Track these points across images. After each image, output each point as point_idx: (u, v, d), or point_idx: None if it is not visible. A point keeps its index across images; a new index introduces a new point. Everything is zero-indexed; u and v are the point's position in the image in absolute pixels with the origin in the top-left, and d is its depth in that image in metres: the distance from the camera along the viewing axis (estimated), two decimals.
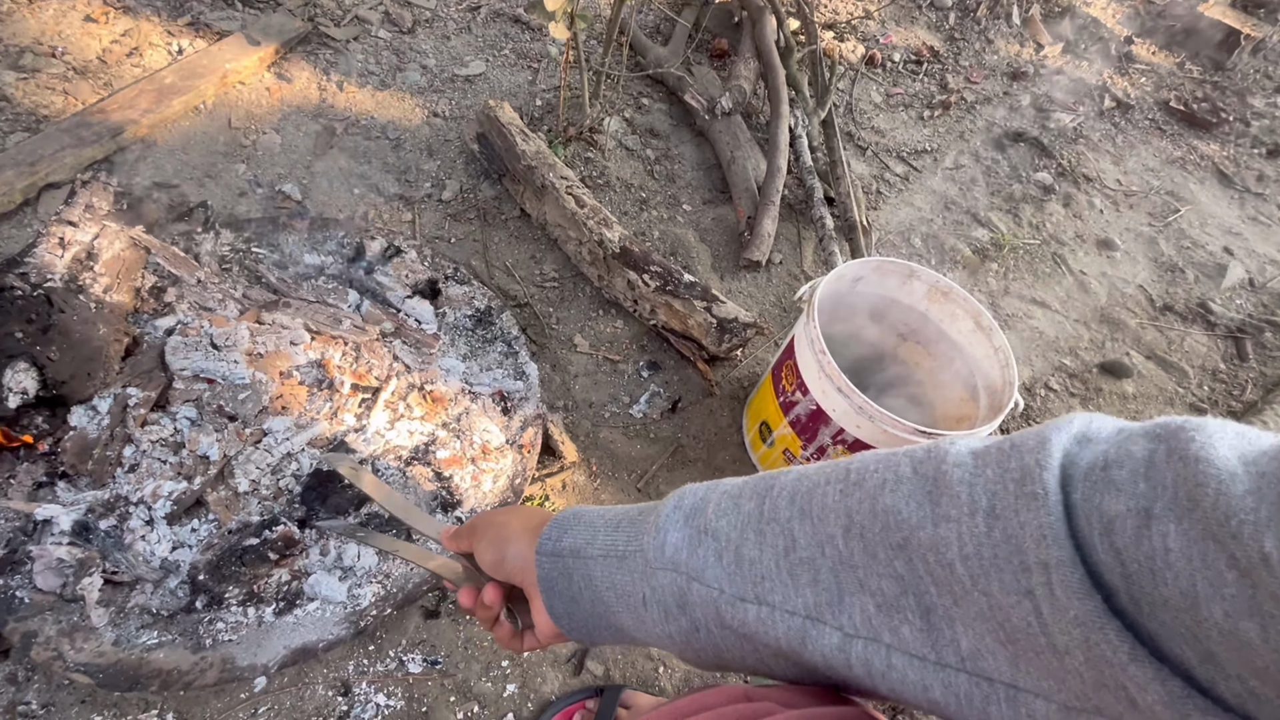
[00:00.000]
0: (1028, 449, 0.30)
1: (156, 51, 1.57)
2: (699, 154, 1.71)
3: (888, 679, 0.33)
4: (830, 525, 0.35)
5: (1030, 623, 0.28)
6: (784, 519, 0.37)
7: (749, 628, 0.37)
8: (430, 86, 1.67)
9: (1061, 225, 1.84)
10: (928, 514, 0.32)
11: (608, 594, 0.43)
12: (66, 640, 0.81)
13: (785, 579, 0.36)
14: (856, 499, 0.35)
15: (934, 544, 0.31)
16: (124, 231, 1.02)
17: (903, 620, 0.33)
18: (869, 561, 0.33)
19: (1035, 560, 0.28)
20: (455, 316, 1.21)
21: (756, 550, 0.38)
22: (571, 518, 0.48)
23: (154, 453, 0.92)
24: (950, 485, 0.31)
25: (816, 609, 0.35)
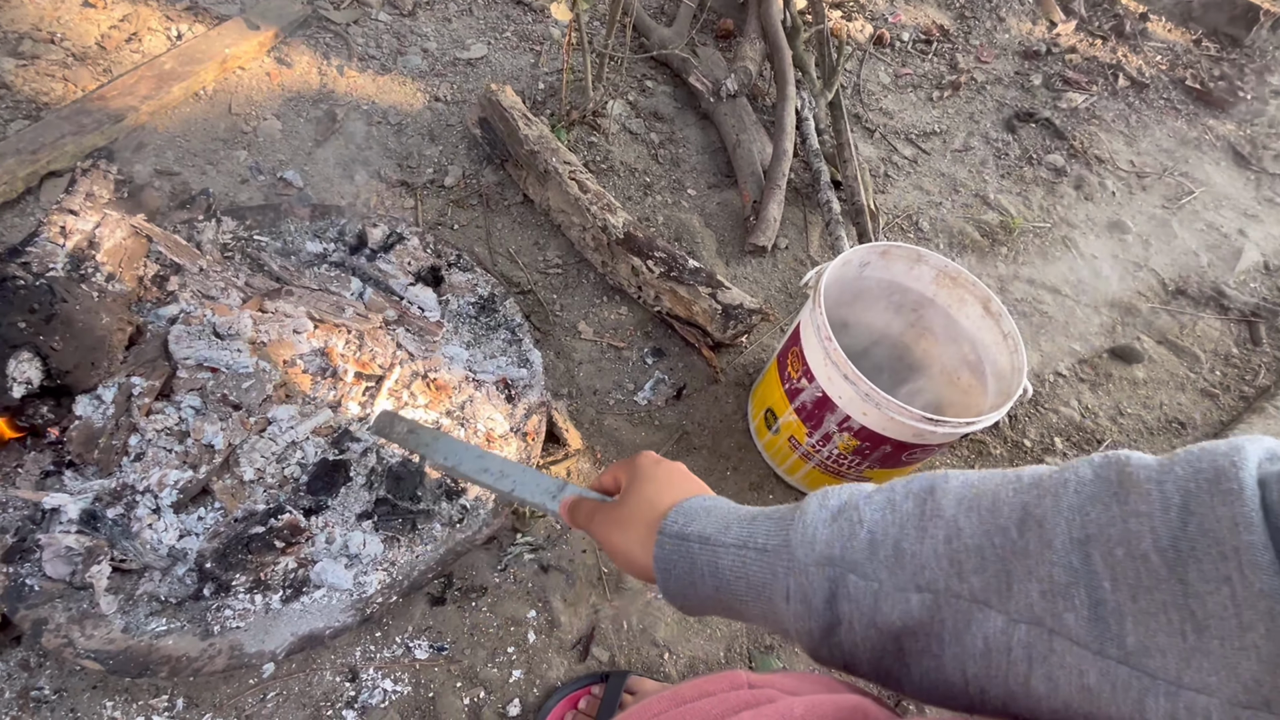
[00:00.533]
0: (1220, 453, 0.32)
1: (155, 37, 1.55)
2: (704, 137, 1.69)
3: (1047, 664, 0.35)
4: (1003, 518, 0.37)
5: (1225, 605, 0.30)
6: (949, 516, 0.39)
7: (911, 617, 0.38)
8: (431, 70, 1.65)
9: (1073, 208, 1.81)
10: (1116, 512, 0.33)
11: (737, 583, 0.46)
12: (76, 627, 0.82)
13: (947, 566, 0.38)
14: (1034, 495, 0.36)
15: (1124, 538, 0.33)
16: (125, 220, 1.01)
17: (1068, 607, 0.34)
18: (1043, 551, 0.35)
19: (1231, 547, 0.30)
20: (458, 304, 1.20)
21: (917, 544, 0.39)
22: (701, 507, 0.51)
23: (159, 442, 0.92)
24: (1138, 484, 0.33)
25: (983, 593, 0.37)
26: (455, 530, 0.98)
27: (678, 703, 0.55)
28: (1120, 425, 1.45)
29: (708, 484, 0.59)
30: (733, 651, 1.04)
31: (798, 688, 0.59)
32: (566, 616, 1.02)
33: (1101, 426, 1.44)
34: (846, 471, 1.08)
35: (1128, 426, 1.45)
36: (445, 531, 0.98)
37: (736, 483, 1.20)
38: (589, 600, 1.04)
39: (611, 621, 1.03)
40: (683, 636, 1.04)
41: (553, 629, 1.00)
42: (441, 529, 0.98)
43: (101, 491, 0.89)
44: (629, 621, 1.03)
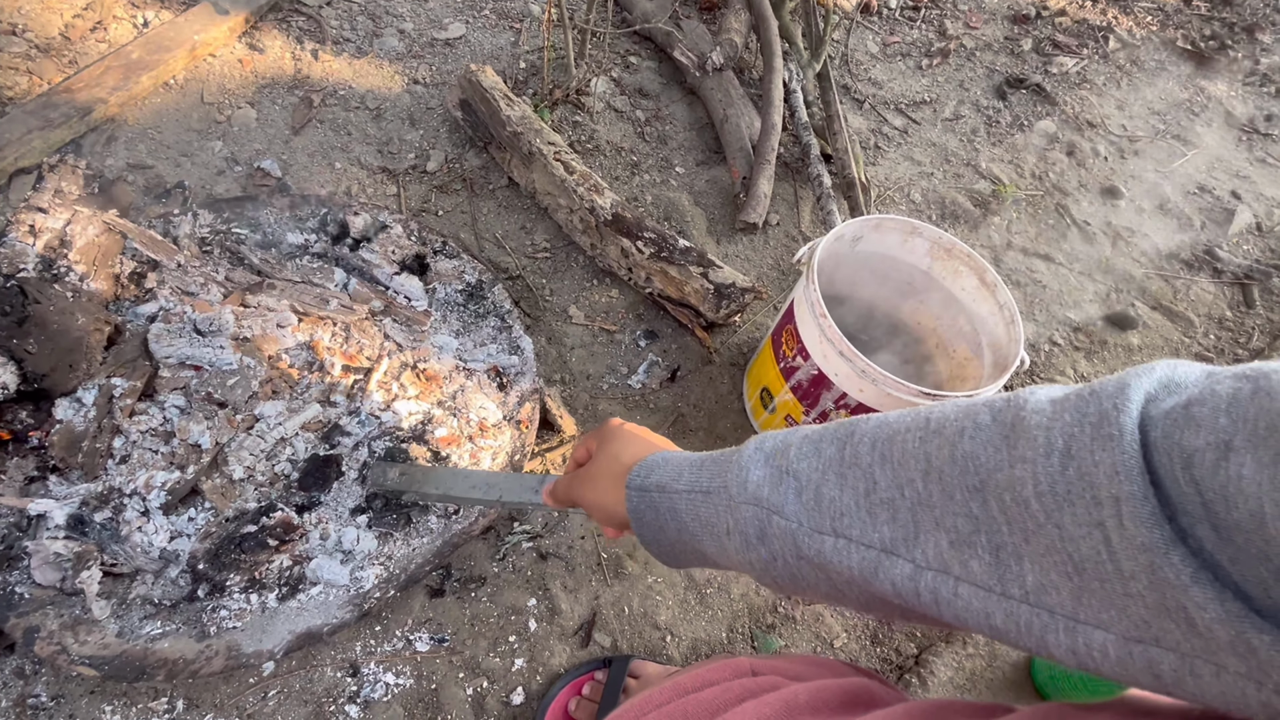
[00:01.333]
0: (1106, 394, 0.32)
1: (121, 25, 1.50)
2: (691, 113, 1.66)
3: (953, 606, 0.36)
4: (910, 469, 0.38)
5: (1099, 551, 0.30)
6: (865, 464, 0.40)
7: (824, 558, 0.40)
8: (409, 52, 1.61)
9: (1065, 174, 1.79)
10: (1004, 457, 0.34)
11: (692, 524, 0.49)
12: (70, 634, 0.81)
13: (864, 517, 0.39)
14: (935, 445, 0.37)
15: (1010, 484, 0.33)
16: (97, 216, 0.98)
17: (972, 555, 0.35)
18: (946, 502, 0.36)
19: (1107, 495, 0.29)
20: (446, 291, 1.18)
21: (837, 490, 0.41)
22: (659, 460, 0.54)
23: (144, 443, 0.90)
24: (1027, 430, 0.33)
25: (892, 544, 0.38)
26: (451, 522, 0.97)
27: (680, 693, 0.54)
28: None
29: None
30: (735, 631, 1.04)
31: (802, 672, 0.58)
32: (567, 603, 1.01)
33: None
34: None
35: None
36: (441, 524, 0.97)
37: None
38: (589, 586, 1.03)
39: (612, 606, 1.02)
40: (684, 618, 1.04)
41: (554, 616, 1.00)
42: (437, 521, 0.97)
43: (88, 495, 0.87)
44: (630, 606, 1.03)
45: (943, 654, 1.02)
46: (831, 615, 1.08)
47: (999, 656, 1.02)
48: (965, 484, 0.35)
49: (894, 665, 1.05)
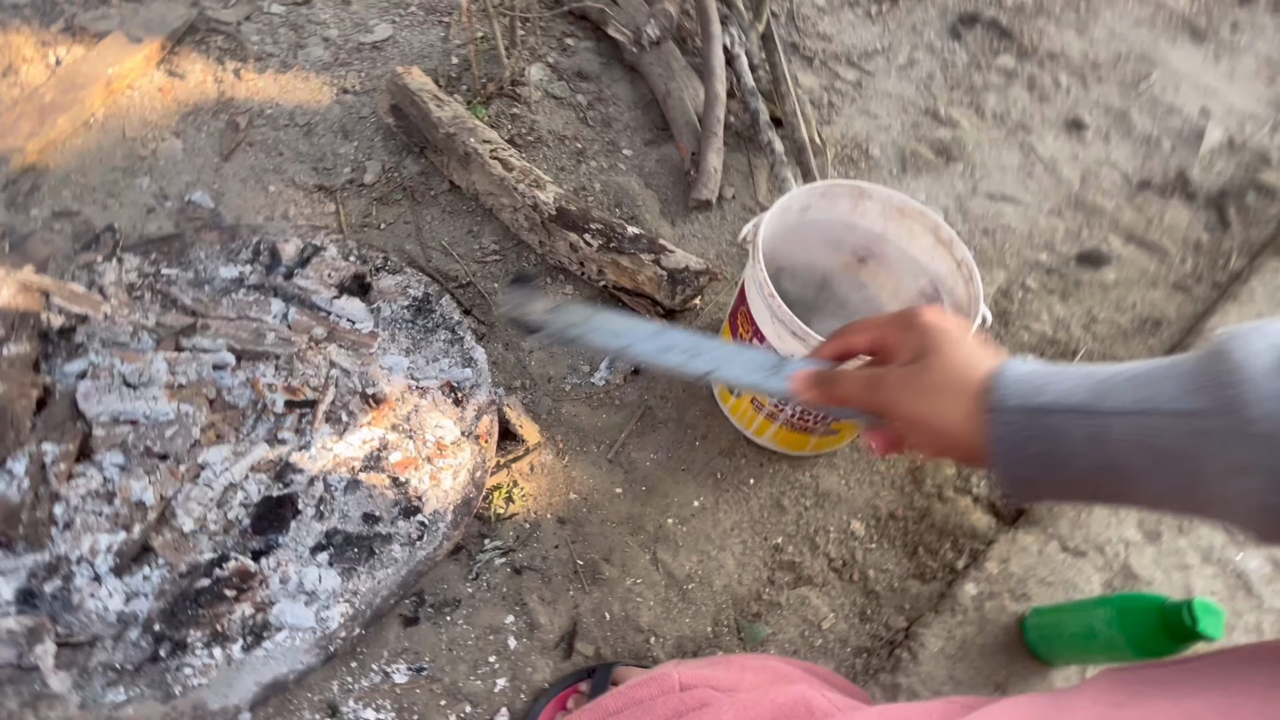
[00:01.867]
0: None
1: (33, 66, 1.44)
2: (634, 92, 1.60)
3: None
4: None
5: None
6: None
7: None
8: (335, 60, 1.54)
9: (1027, 111, 1.73)
10: None
11: (1137, 457, 0.37)
12: (30, 711, 0.79)
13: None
14: None
15: None
16: (11, 276, 0.94)
17: None
18: None
19: None
20: (391, 309, 1.14)
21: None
22: (1032, 371, 0.42)
23: (87, 506, 0.87)
24: None
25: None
26: (416, 548, 0.95)
27: (603, 715, 0.52)
28: (1093, 332, 1.41)
29: (678, 457, 0.50)
30: (720, 624, 1.03)
31: (737, 681, 0.56)
32: (546, 616, 0.99)
33: (1074, 336, 1.40)
34: (815, 426, 1.04)
35: (1101, 333, 1.42)
36: (405, 551, 0.94)
37: (706, 451, 1.16)
38: (567, 596, 1.01)
39: (593, 614, 1.00)
40: (667, 618, 1.02)
41: (533, 631, 0.98)
42: (401, 549, 0.95)
43: (35, 567, 0.85)
44: (610, 611, 1.01)
45: (931, 624, 1.00)
46: (817, 597, 1.06)
47: (989, 621, 1.00)
48: None
49: (884, 640, 1.04)
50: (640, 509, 1.09)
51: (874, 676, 0.98)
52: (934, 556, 1.11)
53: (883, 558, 1.11)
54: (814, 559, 1.09)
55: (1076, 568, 1.06)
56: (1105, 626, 0.85)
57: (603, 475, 1.12)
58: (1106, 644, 0.85)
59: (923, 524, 1.14)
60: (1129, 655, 0.83)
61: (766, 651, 1.01)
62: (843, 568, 1.09)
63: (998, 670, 0.97)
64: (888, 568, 1.10)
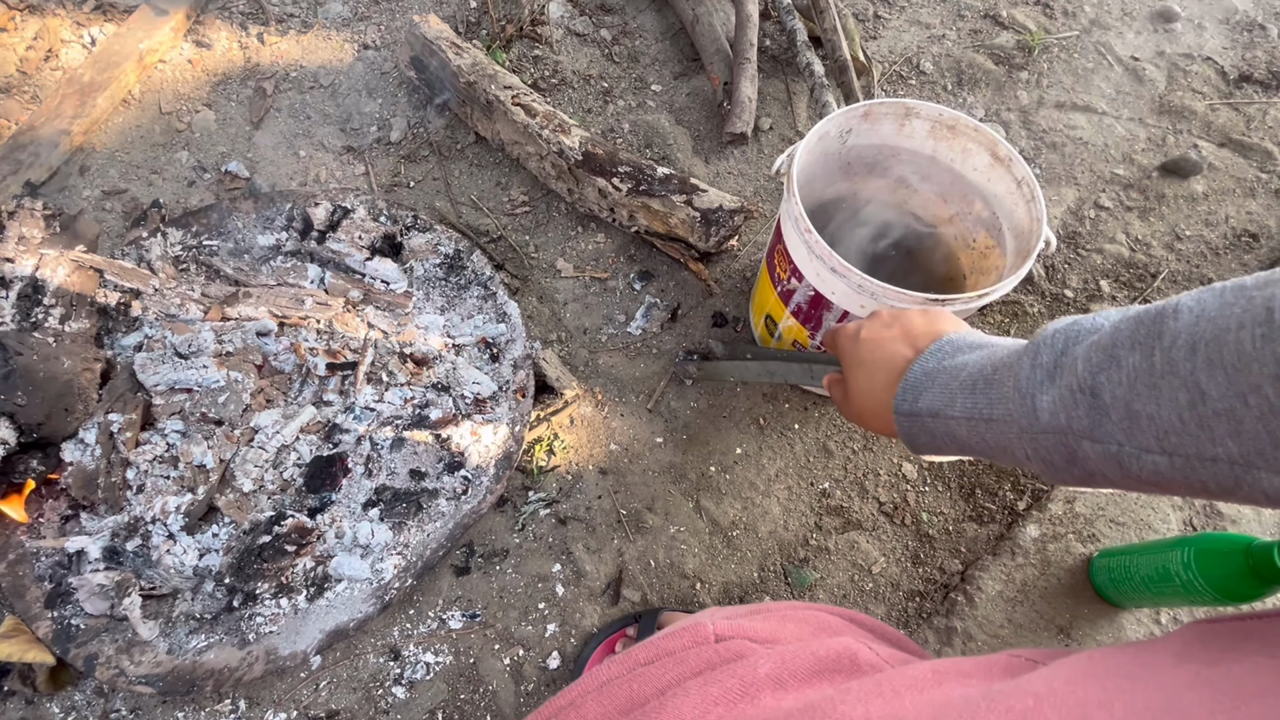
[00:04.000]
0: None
1: (71, 48, 1.47)
2: (660, 21, 1.51)
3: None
4: (1253, 374, 0.32)
5: None
6: (1185, 371, 0.34)
7: (1161, 475, 0.36)
8: (354, 15, 1.51)
9: (1105, 5, 1.54)
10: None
11: (978, 446, 0.47)
12: (125, 656, 0.86)
13: (1195, 431, 0.34)
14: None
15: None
16: (64, 255, 0.98)
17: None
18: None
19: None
20: (424, 268, 1.14)
21: (1153, 405, 0.35)
22: (923, 378, 0.51)
23: (154, 471, 0.92)
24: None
25: (1244, 457, 0.33)
26: (462, 502, 0.97)
27: (632, 666, 0.51)
28: (1178, 252, 1.28)
29: (720, 404, 0.60)
30: (766, 570, 1.02)
31: (776, 632, 0.54)
32: (591, 564, 1.00)
33: (1155, 258, 1.27)
34: None
35: (1187, 251, 1.28)
36: (451, 505, 0.97)
37: (748, 397, 1.13)
38: (612, 544, 1.02)
39: (638, 561, 1.01)
40: (712, 564, 1.01)
41: (580, 579, 1.00)
42: (448, 503, 0.97)
43: (117, 527, 0.91)
44: (655, 558, 1.01)
45: (989, 567, 0.96)
46: (867, 541, 1.03)
47: (1052, 564, 0.95)
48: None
49: (939, 585, 1.01)
50: (682, 458, 1.08)
51: (928, 620, 0.96)
52: (992, 498, 1.06)
53: (936, 501, 1.06)
54: (863, 503, 1.06)
55: (1152, 506, 0.99)
56: (1183, 569, 0.79)
57: (643, 425, 1.10)
58: (1184, 587, 0.80)
59: (979, 465, 1.09)
60: (1210, 599, 0.78)
61: (815, 597, 1.00)
62: (894, 511, 1.05)
63: (1061, 613, 0.93)
64: (942, 510, 1.06)
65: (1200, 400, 0.33)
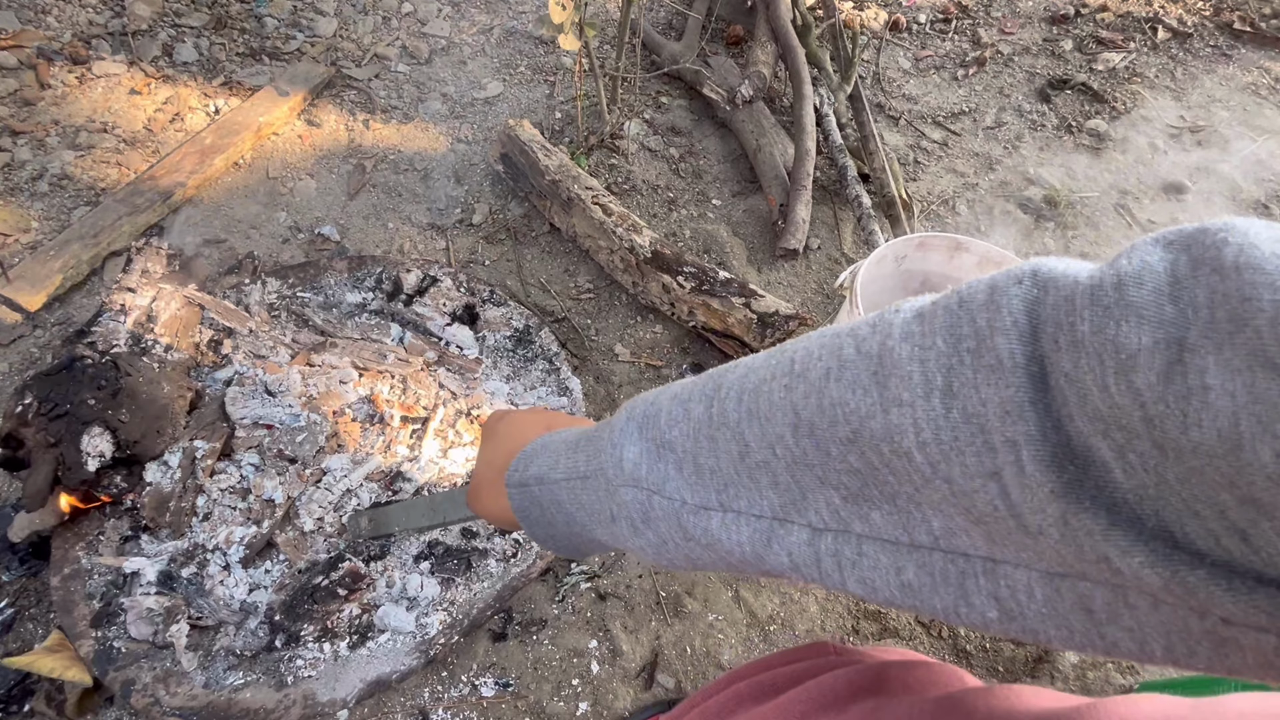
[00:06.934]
0: (976, 306, 0.26)
1: (196, 115, 1.64)
2: (724, 146, 1.68)
3: (859, 568, 0.32)
4: (778, 424, 0.32)
5: (996, 506, 0.26)
6: (733, 421, 0.35)
7: (713, 535, 0.36)
8: (451, 113, 1.70)
9: (1122, 173, 1.72)
10: (876, 400, 0.28)
11: (579, 514, 0.44)
12: (161, 686, 0.85)
13: (747, 483, 0.34)
14: (801, 393, 0.32)
15: (887, 433, 0.28)
16: (178, 292, 1.07)
17: (871, 507, 0.31)
18: (823, 459, 0.31)
19: (1001, 439, 0.25)
20: (495, 339, 1.22)
21: (713, 459, 0.36)
22: (538, 446, 0.48)
23: (224, 500, 0.96)
24: (898, 364, 0.28)
25: (782, 509, 0.34)
26: (510, 565, 0.99)
27: (765, 667, 0.52)
28: None
29: None
30: None
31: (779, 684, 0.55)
32: (628, 644, 1.00)
33: None
34: None
35: None
36: (500, 567, 0.98)
37: None
38: (649, 626, 1.02)
39: (674, 646, 1.01)
40: (748, 657, 1.01)
41: (615, 658, 0.99)
42: (497, 565, 0.99)
43: (175, 552, 0.93)
44: (692, 645, 1.01)
45: None
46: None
47: (1092, 692, 0.95)
48: (837, 436, 0.30)
49: None
50: None
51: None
52: None
53: None
54: (900, 612, 1.07)
55: None
56: None
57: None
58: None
59: None
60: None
61: None
62: (931, 623, 1.06)
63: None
64: None
65: (746, 452, 0.34)
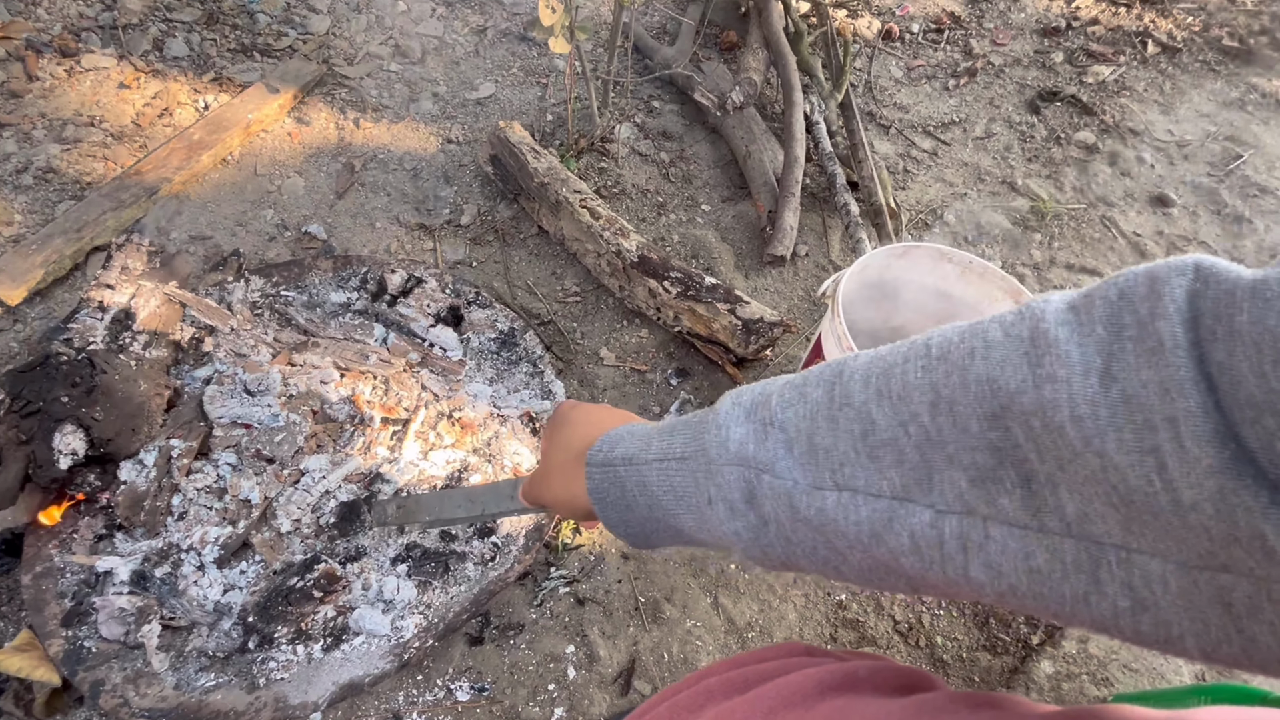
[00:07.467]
0: (1139, 298, 0.27)
1: (185, 110, 1.63)
2: (714, 152, 1.68)
3: (985, 552, 0.32)
4: (914, 403, 0.33)
5: (1152, 480, 0.26)
6: (858, 403, 0.35)
7: (827, 515, 0.36)
8: (443, 113, 1.69)
9: (1109, 185, 1.73)
10: (1028, 376, 0.29)
11: (665, 497, 0.44)
12: (131, 687, 0.85)
13: (865, 463, 0.35)
14: (942, 372, 0.32)
15: (1039, 407, 0.29)
16: (158, 289, 1.06)
17: (1000, 491, 0.31)
18: (960, 436, 0.32)
19: (1161, 417, 0.26)
20: (479, 341, 1.22)
21: (830, 438, 0.36)
22: (624, 432, 0.49)
23: (200, 500, 0.95)
24: (1054, 344, 0.29)
25: (904, 489, 0.34)
26: (488, 569, 0.98)
27: (737, 664, 0.52)
28: None
29: None
30: None
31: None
32: (606, 650, 1.00)
33: None
34: None
35: None
36: (478, 571, 0.98)
37: None
38: (627, 631, 1.02)
39: (651, 652, 1.01)
40: None
41: (592, 663, 0.99)
42: (474, 568, 0.98)
43: (149, 552, 0.92)
44: (669, 651, 1.01)
45: None
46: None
47: (1066, 703, 0.95)
48: (982, 411, 0.31)
49: None
50: (704, 551, 1.10)
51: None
52: (1006, 629, 1.07)
53: (951, 626, 1.07)
54: (879, 620, 1.07)
55: (1165, 655, 1.00)
56: None
57: None
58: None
59: None
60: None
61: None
62: (908, 632, 1.06)
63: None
64: (956, 636, 1.06)
65: (871, 430, 0.34)
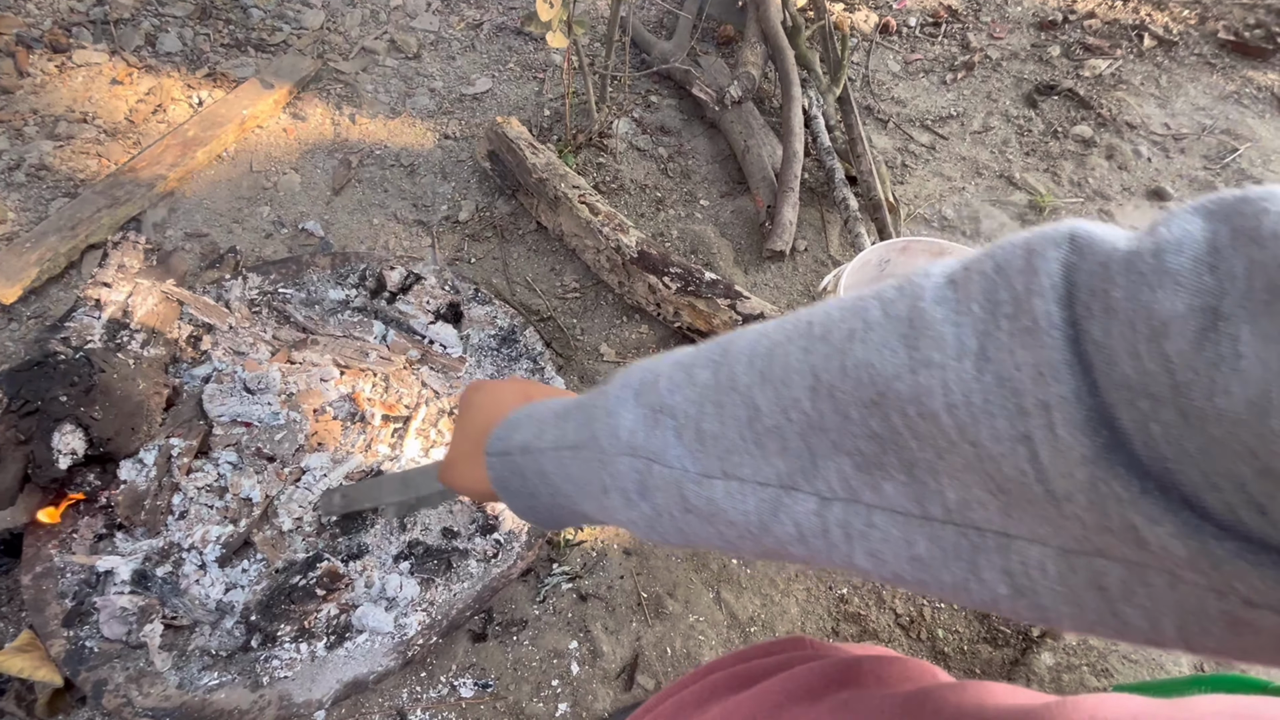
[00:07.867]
0: (1015, 271, 0.26)
1: (179, 106, 1.62)
2: (713, 147, 1.68)
3: (868, 540, 0.31)
4: (795, 389, 0.32)
5: (1024, 470, 0.25)
6: (743, 386, 0.34)
7: (716, 505, 0.35)
8: (439, 109, 1.68)
9: (1106, 179, 1.73)
10: (904, 361, 0.28)
11: (565, 486, 0.42)
12: (134, 686, 0.84)
13: (752, 449, 0.33)
14: (822, 355, 0.31)
15: (914, 395, 0.27)
16: (156, 287, 1.05)
17: (883, 477, 0.30)
18: (842, 423, 0.30)
19: (1034, 402, 0.24)
20: (479, 337, 1.21)
21: (718, 424, 0.34)
22: (523, 416, 0.47)
23: (201, 499, 0.95)
24: (930, 325, 0.27)
25: (789, 477, 0.33)
26: (491, 565, 0.98)
27: (741, 660, 0.52)
28: None
29: None
30: None
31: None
32: (609, 645, 1.00)
33: None
34: None
35: None
36: (481, 567, 0.98)
37: None
38: (630, 627, 1.02)
39: (654, 647, 1.01)
40: None
41: (596, 659, 0.99)
42: (477, 565, 0.98)
43: (150, 551, 0.92)
44: (672, 646, 1.01)
45: None
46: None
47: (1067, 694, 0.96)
48: (861, 398, 0.29)
49: None
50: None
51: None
52: (1007, 622, 1.08)
53: (952, 618, 1.08)
54: (880, 613, 1.07)
55: None
56: None
57: None
58: None
59: None
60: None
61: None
62: (910, 625, 1.07)
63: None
64: (957, 629, 1.07)
65: (756, 416, 0.33)
